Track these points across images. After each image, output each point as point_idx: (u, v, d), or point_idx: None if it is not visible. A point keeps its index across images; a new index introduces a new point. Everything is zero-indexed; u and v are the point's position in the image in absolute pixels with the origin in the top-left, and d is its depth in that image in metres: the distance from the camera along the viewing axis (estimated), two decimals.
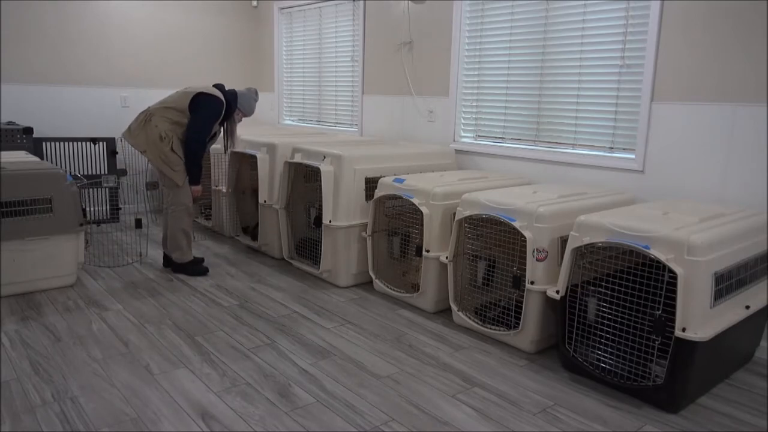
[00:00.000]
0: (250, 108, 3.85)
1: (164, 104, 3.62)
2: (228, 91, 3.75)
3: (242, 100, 3.79)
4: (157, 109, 3.61)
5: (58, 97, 5.21)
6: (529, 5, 3.78)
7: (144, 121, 3.61)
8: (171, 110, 3.59)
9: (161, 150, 3.58)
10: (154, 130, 3.57)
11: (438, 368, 2.70)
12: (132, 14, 5.49)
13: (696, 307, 2.26)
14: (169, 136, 3.58)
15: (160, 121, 3.58)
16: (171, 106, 3.60)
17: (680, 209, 2.73)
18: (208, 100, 3.61)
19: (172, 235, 3.78)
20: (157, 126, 3.57)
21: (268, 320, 3.19)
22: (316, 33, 5.63)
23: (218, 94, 3.65)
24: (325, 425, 2.20)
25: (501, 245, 3.13)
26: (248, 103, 3.82)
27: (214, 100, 3.63)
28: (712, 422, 2.32)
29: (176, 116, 3.60)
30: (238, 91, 3.79)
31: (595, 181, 3.52)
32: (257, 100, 3.87)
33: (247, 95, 3.81)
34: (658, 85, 3.18)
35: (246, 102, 3.81)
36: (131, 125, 3.67)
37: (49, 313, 3.19)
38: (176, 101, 3.61)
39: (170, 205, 3.74)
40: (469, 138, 4.30)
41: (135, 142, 3.62)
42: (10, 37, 4.90)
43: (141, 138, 3.60)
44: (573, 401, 2.44)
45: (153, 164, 3.64)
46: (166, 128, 3.58)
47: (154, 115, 3.60)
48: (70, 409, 2.26)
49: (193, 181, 3.73)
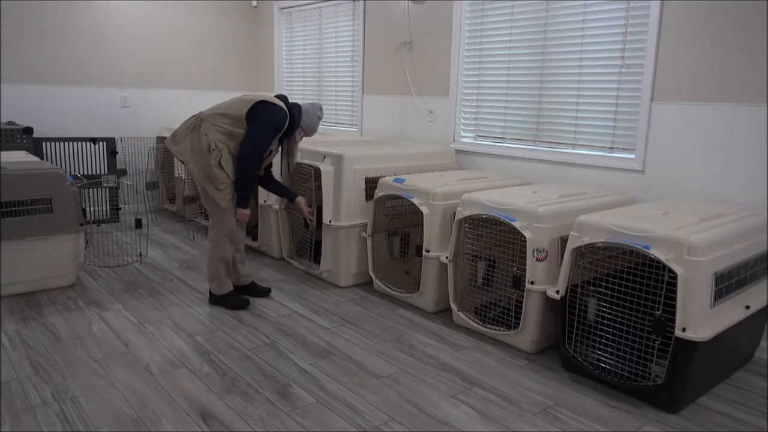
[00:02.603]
0: (314, 126, 3.33)
1: (218, 110, 3.14)
2: (292, 104, 3.26)
3: (306, 117, 3.28)
4: (209, 115, 3.13)
5: (58, 97, 5.21)
6: (529, 5, 3.78)
7: (192, 127, 3.13)
8: (225, 117, 3.10)
9: (207, 163, 3.08)
10: (202, 139, 3.08)
11: (438, 368, 2.70)
12: (132, 14, 5.49)
13: (696, 307, 2.26)
14: (218, 147, 3.08)
15: (211, 129, 3.09)
16: (226, 112, 3.11)
17: (680, 209, 2.73)
18: (271, 111, 3.11)
19: (211, 263, 3.30)
20: (207, 134, 3.08)
21: (268, 320, 3.19)
22: (316, 33, 5.63)
23: (282, 105, 3.16)
24: (325, 425, 2.20)
25: (501, 245, 3.13)
26: (312, 120, 3.30)
27: (278, 112, 3.12)
28: (712, 422, 2.32)
29: (230, 125, 3.10)
30: (303, 106, 3.30)
31: (595, 181, 3.52)
32: (321, 117, 3.35)
33: (311, 111, 3.30)
34: (658, 85, 3.18)
35: (310, 119, 3.29)
36: (177, 129, 3.19)
37: (49, 313, 3.19)
38: (232, 108, 3.11)
39: (211, 229, 3.26)
40: (469, 138, 4.30)
41: (177, 150, 3.14)
42: (10, 37, 4.90)
43: (185, 145, 3.12)
44: (573, 401, 2.44)
45: (194, 178, 3.15)
46: (217, 138, 3.08)
47: (205, 121, 3.11)
48: (70, 409, 2.26)
49: (242, 203, 3.19)
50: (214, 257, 3.28)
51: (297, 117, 3.24)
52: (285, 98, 3.24)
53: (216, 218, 3.22)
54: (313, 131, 3.35)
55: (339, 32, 5.34)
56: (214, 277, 3.33)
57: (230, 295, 3.36)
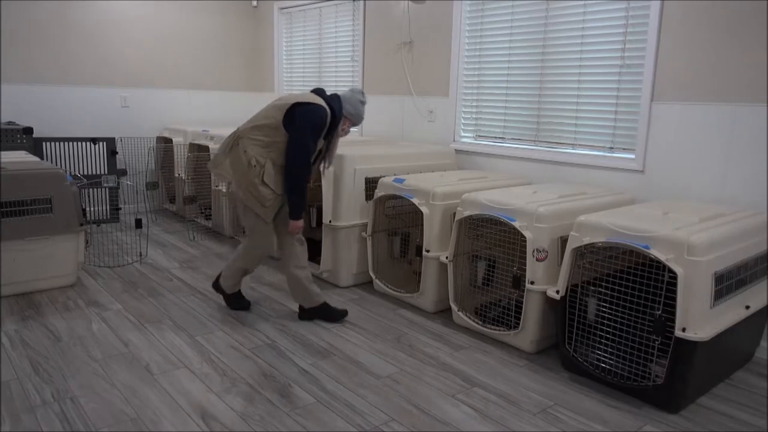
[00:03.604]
0: (359, 113, 3.06)
1: (253, 123, 2.95)
2: (330, 96, 3.04)
3: (348, 105, 3.03)
4: (245, 131, 2.95)
5: (58, 97, 5.21)
6: (529, 5, 3.78)
7: (231, 146, 2.97)
8: (262, 129, 2.91)
9: (250, 181, 2.90)
10: (241, 156, 2.91)
11: (438, 368, 2.70)
12: (132, 14, 5.49)
13: (696, 307, 2.26)
14: (260, 162, 2.89)
15: (249, 144, 2.91)
16: (261, 123, 2.91)
17: (680, 209, 2.73)
18: (308, 111, 2.88)
19: (231, 266, 3.19)
20: (246, 151, 2.90)
21: (268, 320, 3.19)
22: (316, 33, 5.63)
23: (319, 101, 2.93)
24: (325, 425, 2.20)
25: (501, 245, 3.13)
26: (355, 107, 3.04)
27: (316, 110, 2.89)
28: (712, 422, 2.32)
29: (269, 136, 2.90)
30: (342, 95, 3.05)
31: (595, 181, 3.52)
32: (365, 102, 3.09)
33: (352, 98, 3.04)
34: (658, 85, 3.18)
35: (353, 106, 3.03)
36: (217, 152, 3.03)
37: (49, 313, 3.19)
38: (267, 117, 2.92)
39: (247, 240, 3.09)
40: (469, 138, 4.30)
41: (218, 172, 2.98)
42: (10, 37, 4.90)
43: (225, 167, 2.95)
44: (573, 401, 2.44)
45: (239, 199, 2.97)
46: (257, 153, 2.90)
47: (242, 137, 2.94)
48: (70, 409, 2.26)
49: (294, 214, 2.96)
50: (237, 265, 3.17)
51: (338, 109, 3.00)
52: (322, 91, 3.03)
53: (254, 233, 3.06)
54: (360, 118, 3.08)
55: (339, 32, 5.34)
56: (229, 277, 3.25)
57: (237, 296, 3.35)
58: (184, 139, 5.25)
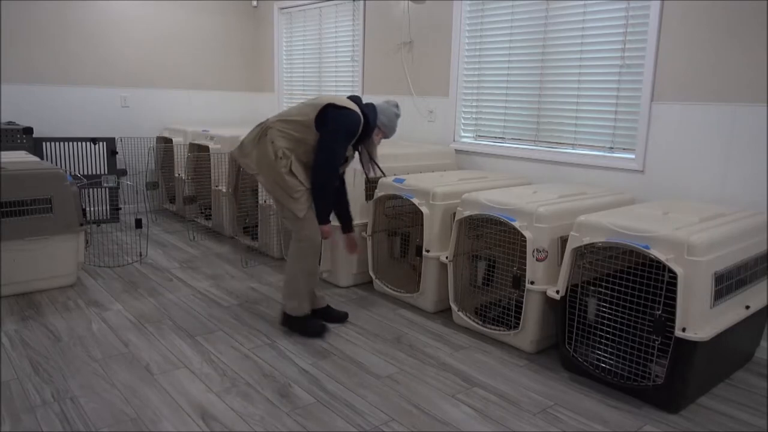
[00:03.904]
0: (392, 125, 3.01)
1: (284, 117, 2.90)
2: (365, 104, 2.97)
3: (383, 116, 2.97)
4: (275, 122, 2.89)
5: (58, 97, 5.21)
6: (529, 5, 3.78)
7: (258, 136, 2.91)
8: (293, 124, 2.85)
9: (276, 171, 2.84)
10: (269, 147, 2.85)
11: (438, 368, 2.70)
12: (132, 14, 5.49)
13: (696, 307, 2.26)
14: (286, 155, 2.84)
15: (278, 136, 2.85)
16: (293, 119, 2.86)
17: (680, 209, 2.73)
18: (342, 115, 2.83)
19: (291, 278, 2.96)
20: (273, 142, 2.84)
21: (268, 320, 3.19)
22: (316, 33, 5.63)
23: (353, 107, 2.88)
24: (325, 425, 2.20)
25: (501, 245, 3.13)
26: (390, 119, 2.98)
27: (350, 115, 2.84)
28: (712, 422, 2.32)
29: (299, 132, 2.84)
30: (377, 105, 2.99)
31: (595, 181, 3.52)
32: (400, 115, 3.05)
33: (387, 110, 2.99)
34: (658, 85, 3.18)
35: (387, 118, 2.97)
36: (243, 140, 2.97)
37: (49, 313, 3.19)
38: (300, 113, 2.87)
39: (292, 243, 2.95)
40: (469, 138, 4.30)
41: (246, 162, 2.94)
42: (10, 37, 4.91)
43: (252, 156, 2.91)
44: (573, 401, 2.44)
45: (268, 191, 2.93)
46: (284, 146, 2.85)
47: (271, 128, 2.88)
48: (70, 409, 2.26)
49: (321, 219, 2.90)
50: (295, 270, 2.93)
51: (372, 118, 2.93)
52: (358, 99, 2.97)
53: (296, 229, 2.92)
54: (393, 131, 3.02)
55: (339, 32, 5.34)
56: (292, 295, 2.96)
57: (307, 319, 3.00)
58: (184, 139, 5.26)
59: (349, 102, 2.89)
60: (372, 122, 2.93)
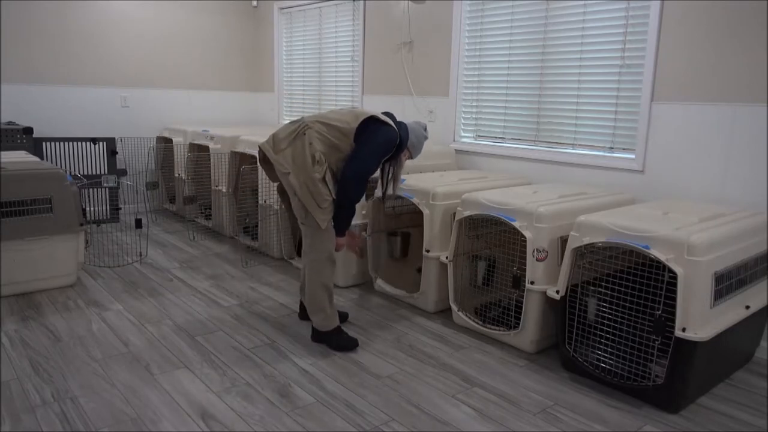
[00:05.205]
0: (420, 147, 2.98)
1: (325, 119, 2.77)
2: (398, 122, 2.90)
3: (413, 136, 2.92)
4: (314, 123, 2.76)
5: (58, 97, 5.21)
6: (529, 5, 3.78)
7: (296, 134, 2.74)
8: (332, 129, 2.73)
9: (310, 176, 2.67)
10: (306, 149, 2.69)
11: (438, 368, 2.70)
12: (132, 14, 5.49)
13: (696, 307, 2.26)
14: (323, 161, 2.70)
15: (316, 138, 2.71)
16: (335, 124, 2.74)
17: (680, 209, 2.73)
18: (383, 131, 2.76)
19: (312, 293, 2.83)
20: (312, 143, 2.70)
21: (268, 320, 3.19)
22: (316, 33, 5.63)
23: (392, 124, 2.82)
24: (325, 425, 2.20)
25: (501, 245, 3.13)
26: (419, 140, 2.95)
27: (390, 132, 2.78)
28: (712, 422, 2.32)
29: (337, 138, 2.73)
30: (408, 125, 2.94)
31: (595, 181, 3.52)
32: (427, 138, 3.02)
33: (417, 130, 2.94)
34: (658, 85, 3.18)
35: (417, 138, 2.94)
36: (277, 135, 2.79)
37: (49, 313, 3.19)
38: (341, 120, 2.75)
39: (307, 255, 2.82)
40: (469, 138, 4.30)
41: (278, 159, 2.72)
42: (10, 37, 4.90)
43: (287, 155, 2.71)
44: (573, 401, 2.44)
45: (294, 193, 2.71)
46: (321, 150, 2.71)
47: (310, 128, 2.74)
48: (70, 409, 2.26)
49: (340, 230, 2.81)
50: (315, 285, 2.82)
51: (405, 137, 2.88)
52: (392, 116, 2.92)
53: (313, 240, 2.78)
54: (419, 152, 3.00)
55: (339, 32, 5.34)
56: (316, 309, 2.84)
57: (338, 331, 2.89)
58: (184, 139, 5.26)
59: (387, 119, 2.83)
60: (404, 141, 2.88)
